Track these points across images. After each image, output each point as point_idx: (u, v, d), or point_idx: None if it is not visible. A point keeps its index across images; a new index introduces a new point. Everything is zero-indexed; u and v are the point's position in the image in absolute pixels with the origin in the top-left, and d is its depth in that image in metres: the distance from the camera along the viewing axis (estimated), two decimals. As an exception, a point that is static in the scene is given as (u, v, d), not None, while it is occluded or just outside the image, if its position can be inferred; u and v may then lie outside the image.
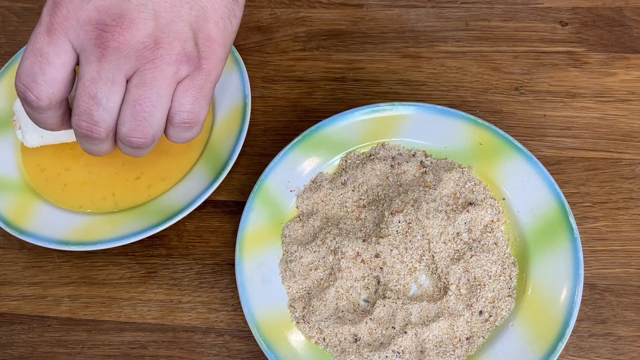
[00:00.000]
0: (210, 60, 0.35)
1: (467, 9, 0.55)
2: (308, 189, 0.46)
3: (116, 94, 0.34)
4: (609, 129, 0.48)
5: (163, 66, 0.33)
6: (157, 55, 0.33)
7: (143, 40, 0.32)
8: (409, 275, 0.42)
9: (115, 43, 0.32)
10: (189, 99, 0.35)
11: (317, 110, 0.52)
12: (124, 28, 0.32)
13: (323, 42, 0.55)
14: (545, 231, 0.42)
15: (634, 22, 0.53)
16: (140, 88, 0.33)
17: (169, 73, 0.33)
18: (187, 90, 0.35)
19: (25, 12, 0.60)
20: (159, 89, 0.34)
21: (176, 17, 0.33)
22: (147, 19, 0.32)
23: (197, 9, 0.34)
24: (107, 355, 0.44)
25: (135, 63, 0.33)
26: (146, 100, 0.34)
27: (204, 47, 0.35)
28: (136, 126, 0.35)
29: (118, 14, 0.32)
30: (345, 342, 0.40)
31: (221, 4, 0.36)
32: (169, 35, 0.33)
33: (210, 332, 0.44)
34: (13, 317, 0.46)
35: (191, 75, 0.35)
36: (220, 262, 0.46)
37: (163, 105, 0.34)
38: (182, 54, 0.33)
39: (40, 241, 0.44)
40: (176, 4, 0.34)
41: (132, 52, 0.32)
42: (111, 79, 0.33)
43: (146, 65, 0.33)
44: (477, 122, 0.45)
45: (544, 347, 0.38)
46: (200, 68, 0.35)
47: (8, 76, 0.52)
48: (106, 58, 0.32)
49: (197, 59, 0.34)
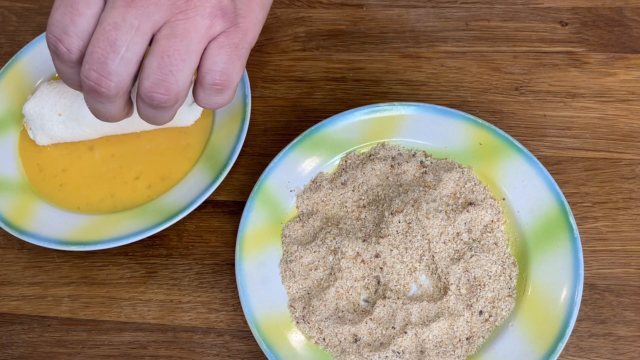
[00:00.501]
0: (247, 19, 0.33)
1: (467, 9, 0.55)
2: (308, 189, 0.46)
3: (138, 44, 0.31)
4: (609, 129, 0.48)
5: (196, 18, 0.31)
6: (191, 5, 0.31)
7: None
8: (409, 275, 0.42)
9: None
10: (222, 57, 0.33)
11: (317, 110, 0.52)
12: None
13: (323, 42, 0.55)
14: (545, 231, 0.42)
15: (634, 22, 0.53)
16: (170, 39, 0.31)
17: (202, 26, 0.31)
18: (222, 48, 0.33)
19: (25, 12, 0.60)
20: (190, 42, 0.31)
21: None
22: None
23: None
24: (107, 355, 0.44)
25: (166, 12, 0.31)
26: (175, 52, 0.31)
27: (242, 5, 0.33)
28: (161, 80, 0.32)
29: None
30: (345, 342, 0.40)
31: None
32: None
33: (210, 332, 0.44)
34: (13, 317, 0.46)
35: (226, 32, 0.33)
36: (220, 262, 0.46)
37: (192, 61, 0.32)
38: (217, 7, 0.32)
39: (40, 241, 0.44)
40: None
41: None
42: (136, 26, 0.30)
43: (178, 16, 0.31)
44: (477, 122, 0.45)
45: (544, 347, 0.38)
46: (236, 25, 0.33)
47: (8, 76, 0.52)
48: (135, 3, 0.30)
49: (234, 15, 0.32)
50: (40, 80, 0.52)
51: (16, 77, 0.52)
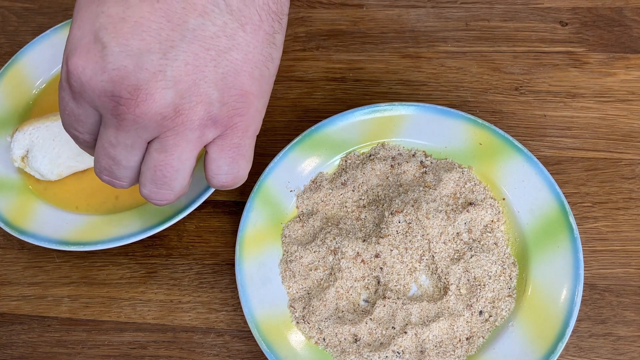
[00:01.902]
0: (245, 115, 0.32)
1: (467, 9, 0.55)
2: (308, 189, 0.46)
3: (136, 156, 0.32)
4: (609, 129, 0.48)
5: (185, 132, 0.31)
6: (178, 122, 0.30)
7: (161, 111, 0.30)
8: (409, 275, 0.42)
9: (131, 116, 0.30)
10: (225, 160, 0.33)
11: (317, 110, 0.52)
12: (140, 101, 0.29)
13: (323, 42, 0.55)
14: (545, 231, 0.42)
15: (634, 22, 0.53)
16: (161, 153, 0.31)
17: (192, 138, 0.31)
18: (222, 151, 0.32)
19: (25, 12, 0.60)
20: (181, 153, 0.31)
21: (199, 79, 0.30)
22: (165, 88, 0.29)
23: (224, 65, 0.31)
24: (107, 355, 0.44)
25: (154, 131, 0.31)
26: (167, 166, 0.32)
27: (237, 104, 0.32)
28: (157, 190, 0.33)
29: (134, 85, 0.29)
30: (345, 342, 0.40)
31: (254, 52, 0.31)
32: (190, 101, 0.30)
33: (210, 332, 0.44)
34: (13, 317, 0.46)
35: (223, 135, 0.32)
36: (220, 262, 0.46)
37: (186, 167, 0.32)
38: (206, 118, 0.31)
39: (40, 241, 0.44)
40: (199, 64, 0.30)
41: (150, 123, 0.30)
42: (130, 145, 0.31)
43: (167, 133, 0.31)
44: (477, 122, 0.45)
45: (544, 347, 0.38)
46: (233, 126, 0.32)
47: (8, 76, 0.52)
48: (124, 128, 0.30)
49: (227, 119, 0.32)
50: (40, 80, 0.53)
51: (16, 77, 0.52)
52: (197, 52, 0.30)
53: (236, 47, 0.31)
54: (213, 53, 0.30)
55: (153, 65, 0.29)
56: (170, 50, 0.29)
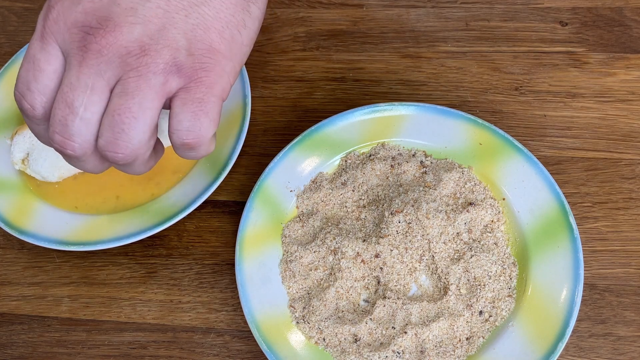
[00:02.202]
0: (212, 72, 0.32)
1: (467, 9, 0.55)
2: (308, 189, 0.46)
3: (96, 104, 0.31)
4: (609, 129, 0.48)
5: (148, 75, 0.30)
6: (142, 62, 0.30)
7: (127, 45, 0.30)
8: (409, 275, 0.42)
9: (96, 45, 0.30)
10: (186, 114, 0.32)
11: (317, 110, 0.52)
12: (108, 31, 0.30)
13: (323, 42, 0.55)
14: (545, 231, 0.42)
15: (634, 22, 0.53)
16: (122, 97, 0.31)
17: (155, 83, 0.31)
18: (184, 105, 0.32)
19: (25, 12, 0.60)
20: (142, 99, 0.31)
21: (168, 23, 0.31)
22: (133, 23, 0.30)
23: (195, 17, 0.31)
24: (107, 355, 0.44)
25: (118, 70, 0.30)
26: (126, 110, 0.31)
27: (204, 58, 0.32)
28: (113, 139, 0.31)
29: (104, 16, 0.30)
30: (345, 342, 0.40)
31: (226, 12, 0.32)
32: (157, 43, 0.30)
33: (210, 332, 0.44)
34: (13, 317, 0.46)
35: (186, 87, 0.32)
36: (220, 262, 0.46)
37: (147, 118, 0.31)
38: (171, 64, 0.31)
39: (40, 241, 0.44)
40: (171, 10, 0.31)
41: (114, 57, 0.30)
42: (90, 85, 0.30)
43: (129, 73, 0.30)
44: (477, 122, 0.45)
45: (544, 347, 0.38)
46: (198, 79, 0.32)
47: (8, 76, 0.52)
48: (87, 62, 0.30)
49: (192, 70, 0.31)
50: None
51: (16, 77, 0.52)
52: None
53: (208, 3, 0.32)
54: (185, 3, 0.31)
55: (126, 3, 0.31)
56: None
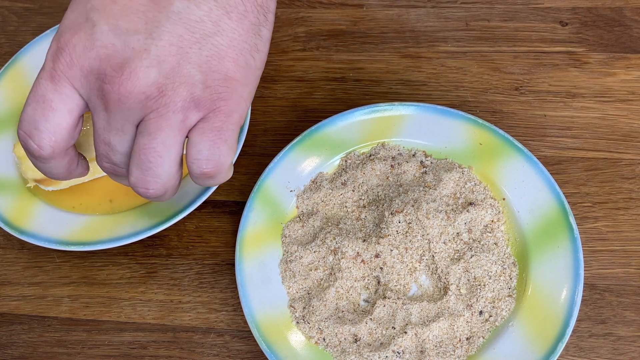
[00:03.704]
0: (229, 100, 0.32)
1: (467, 9, 0.55)
2: (308, 189, 0.46)
3: (128, 141, 0.32)
4: (609, 129, 0.48)
5: (168, 114, 0.31)
6: (161, 103, 0.30)
7: (144, 90, 0.30)
8: (409, 275, 0.42)
9: (115, 95, 0.30)
10: (205, 144, 0.32)
11: (317, 110, 0.52)
12: (124, 79, 0.30)
13: (323, 42, 0.55)
14: (545, 231, 0.42)
15: (634, 22, 0.53)
16: (145, 137, 0.31)
17: (175, 121, 0.31)
18: (203, 134, 0.32)
19: (25, 12, 0.60)
20: (165, 137, 0.31)
21: (183, 60, 0.31)
22: (149, 67, 0.30)
23: (208, 48, 0.31)
24: (107, 355, 0.44)
25: (140, 113, 0.31)
26: (150, 150, 0.31)
27: (221, 88, 0.32)
28: (142, 177, 0.32)
29: (119, 63, 0.30)
30: (345, 342, 0.40)
31: (239, 39, 0.32)
32: (174, 81, 0.30)
33: (210, 332, 0.44)
34: (13, 317, 0.46)
35: (205, 118, 0.32)
36: (220, 262, 0.46)
37: (172, 154, 0.32)
38: (189, 100, 0.31)
39: (40, 241, 0.44)
40: (184, 45, 0.30)
41: (134, 103, 0.30)
42: (120, 128, 0.31)
43: (150, 115, 0.31)
44: (477, 122, 0.45)
45: (544, 347, 0.38)
46: (216, 109, 0.32)
47: (8, 76, 0.52)
48: (110, 110, 0.31)
49: (210, 102, 0.31)
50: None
51: (16, 77, 0.52)
52: (181, 34, 0.30)
53: (221, 32, 0.31)
54: (197, 36, 0.31)
55: (139, 45, 0.30)
56: (155, 30, 0.30)
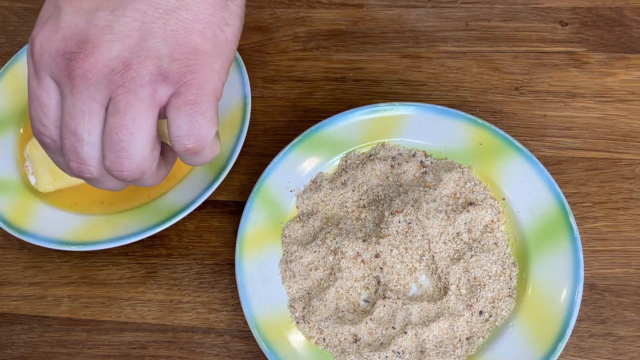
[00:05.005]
0: (200, 73, 0.32)
1: (467, 9, 0.55)
2: (308, 189, 0.46)
3: (96, 126, 0.31)
4: (609, 129, 0.48)
5: (136, 89, 0.30)
6: (127, 77, 0.30)
7: (108, 63, 0.30)
8: (409, 275, 0.42)
9: (80, 70, 0.30)
10: (183, 119, 0.31)
11: (317, 110, 0.52)
12: (88, 53, 0.30)
13: (323, 42, 0.55)
14: (545, 231, 0.42)
15: (634, 22, 0.53)
16: (115, 116, 0.31)
17: (144, 95, 0.30)
18: (179, 110, 0.31)
19: (25, 12, 0.60)
20: (135, 114, 0.31)
21: (147, 34, 0.31)
22: (111, 41, 0.30)
23: (173, 22, 0.31)
24: (107, 355, 0.44)
25: (106, 90, 0.30)
26: (122, 128, 0.31)
27: (190, 61, 0.31)
28: (116, 158, 0.31)
29: (82, 39, 0.30)
30: (345, 342, 0.40)
31: (205, 13, 0.32)
32: (139, 55, 0.30)
33: (210, 332, 0.44)
34: (13, 317, 0.46)
35: (177, 93, 0.31)
36: (220, 262, 0.46)
37: (144, 131, 0.31)
38: (156, 73, 0.30)
39: (40, 241, 0.44)
40: (147, 21, 0.31)
41: (100, 78, 0.30)
42: (87, 110, 0.31)
43: (117, 91, 0.30)
44: (477, 122, 0.45)
45: (544, 347, 0.38)
46: (187, 83, 0.31)
47: (8, 76, 0.52)
48: (76, 88, 0.30)
49: (179, 75, 0.31)
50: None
51: (16, 77, 0.52)
52: (145, 10, 0.31)
53: (185, 7, 0.32)
54: (161, 11, 0.31)
55: (101, 21, 0.31)
56: (119, 8, 0.31)
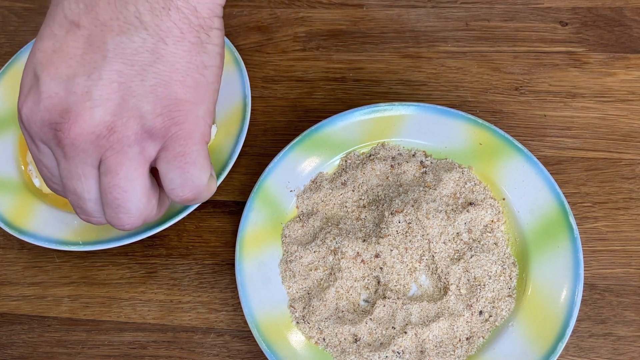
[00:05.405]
0: (185, 124, 0.32)
1: (467, 9, 0.55)
2: (308, 189, 0.46)
3: (93, 185, 0.32)
4: (609, 129, 0.48)
5: (124, 149, 0.31)
6: (114, 140, 0.31)
7: (93, 130, 0.30)
8: (409, 275, 0.42)
9: (68, 140, 0.31)
10: (175, 172, 0.32)
11: (317, 110, 0.52)
12: (72, 123, 0.30)
13: (323, 42, 0.55)
14: (545, 231, 0.42)
15: (634, 22, 0.53)
16: (107, 176, 0.31)
17: (133, 154, 0.31)
18: (169, 163, 0.32)
19: (25, 12, 0.60)
20: (126, 172, 0.31)
21: (126, 94, 0.31)
22: (92, 107, 0.30)
23: (151, 77, 0.31)
24: (107, 355, 0.44)
25: (95, 153, 0.31)
26: (115, 187, 0.31)
27: (173, 113, 0.31)
28: (114, 214, 0.33)
29: (65, 109, 0.30)
30: (345, 342, 0.40)
31: (182, 62, 0.32)
32: (121, 117, 0.31)
33: (210, 332, 0.44)
34: (13, 317, 0.46)
35: (164, 148, 0.32)
36: (220, 262, 0.46)
37: (136, 187, 0.32)
38: (141, 132, 0.31)
39: (40, 241, 0.44)
40: (125, 80, 0.31)
41: (87, 144, 0.31)
42: (81, 173, 0.32)
43: (107, 153, 0.31)
44: (477, 122, 0.45)
45: (544, 347, 0.38)
46: (173, 136, 0.32)
47: (8, 76, 0.52)
48: (68, 155, 0.31)
49: (164, 130, 0.31)
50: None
51: (16, 77, 0.52)
52: (120, 70, 0.30)
53: (160, 59, 0.31)
54: (137, 67, 0.31)
55: (80, 88, 0.30)
56: (94, 72, 0.30)
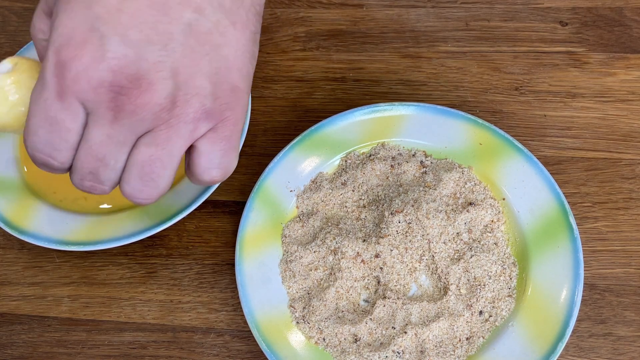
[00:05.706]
0: (236, 110, 0.32)
1: (467, 9, 0.55)
2: (308, 189, 0.46)
3: (125, 154, 0.31)
4: (609, 129, 0.48)
5: (179, 125, 0.30)
6: (174, 114, 0.30)
7: (160, 102, 0.29)
8: (409, 275, 0.42)
9: (131, 106, 0.29)
10: (217, 153, 0.32)
11: (317, 110, 0.52)
12: (142, 90, 0.29)
13: (323, 42, 0.55)
14: (545, 231, 0.42)
15: (634, 22, 0.53)
16: (151, 147, 0.31)
17: (185, 132, 0.31)
18: (214, 144, 0.32)
19: (25, 12, 0.60)
20: (172, 149, 0.31)
21: (195, 72, 0.30)
22: (165, 78, 0.29)
23: (217, 59, 0.31)
24: (107, 355, 0.44)
25: (150, 124, 0.30)
26: (157, 161, 0.31)
27: (229, 98, 0.32)
28: (142, 187, 0.32)
29: (134, 74, 0.29)
30: (345, 342, 0.40)
31: (243, 49, 0.32)
32: (187, 93, 0.30)
33: (210, 332, 0.44)
34: (13, 317, 0.46)
35: (214, 128, 0.32)
36: (220, 262, 0.46)
37: (174, 165, 0.32)
38: (200, 111, 0.31)
39: (40, 241, 0.44)
40: (196, 57, 0.30)
41: (149, 114, 0.30)
42: (123, 141, 0.30)
43: (161, 126, 0.30)
44: (477, 122, 0.45)
45: (544, 347, 0.38)
46: (225, 119, 0.32)
47: (8, 76, 0.52)
48: (120, 121, 0.30)
49: (219, 113, 0.31)
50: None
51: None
52: (193, 46, 0.30)
53: (228, 43, 0.31)
54: (207, 48, 0.31)
55: (153, 56, 0.29)
56: (169, 43, 0.29)
